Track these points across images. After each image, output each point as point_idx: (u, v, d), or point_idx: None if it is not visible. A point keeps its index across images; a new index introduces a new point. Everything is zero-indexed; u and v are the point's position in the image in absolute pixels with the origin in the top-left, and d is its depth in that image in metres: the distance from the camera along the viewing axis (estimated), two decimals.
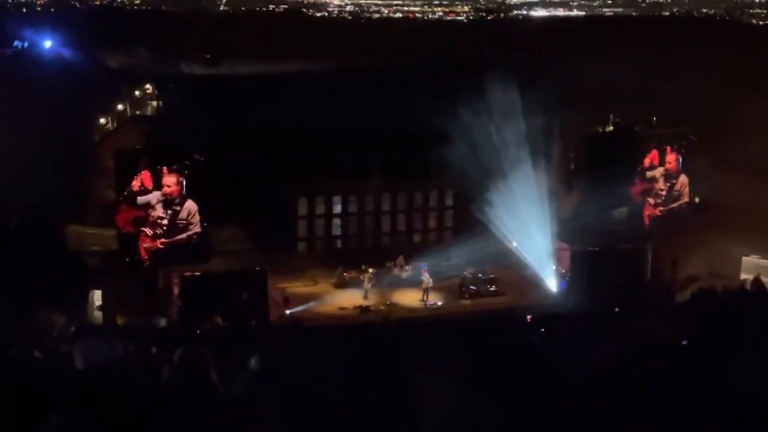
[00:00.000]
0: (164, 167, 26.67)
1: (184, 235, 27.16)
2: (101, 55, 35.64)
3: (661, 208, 32.24)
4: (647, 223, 32.08)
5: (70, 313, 24.08)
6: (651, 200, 32.17)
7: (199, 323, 23.16)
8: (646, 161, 32.07)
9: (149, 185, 26.54)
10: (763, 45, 34.23)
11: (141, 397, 5.47)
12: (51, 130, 27.10)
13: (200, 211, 27.17)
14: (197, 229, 27.14)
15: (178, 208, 26.93)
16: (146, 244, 26.86)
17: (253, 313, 25.18)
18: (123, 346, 8.50)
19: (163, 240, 26.96)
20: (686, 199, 32.40)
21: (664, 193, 32.18)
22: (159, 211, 26.77)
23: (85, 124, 31.78)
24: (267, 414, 6.32)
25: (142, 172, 26.42)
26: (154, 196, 26.67)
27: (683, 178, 32.12)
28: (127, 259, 26.79)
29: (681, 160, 32.04)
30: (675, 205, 32.38)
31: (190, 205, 27.02)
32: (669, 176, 32.18)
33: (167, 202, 26.82)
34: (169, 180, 26.68)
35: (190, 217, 27.06)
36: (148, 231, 26.78)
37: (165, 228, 26.90)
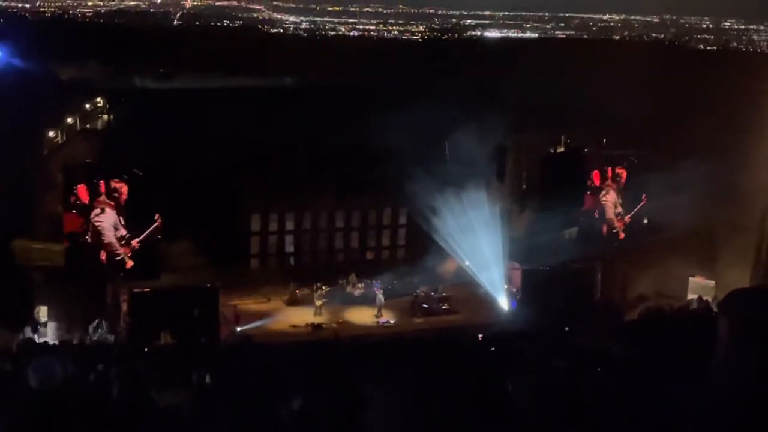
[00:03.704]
0: (101, 180, 26.74)
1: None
2: (52, 68, 35.09)
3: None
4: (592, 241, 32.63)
5: (15, 329, 23.60)
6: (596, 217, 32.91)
7: (149, 340, 22.86)
8: (588, 182, 32.82)
9: (85, 199, 26.53)
10: (710, 70, 35.01)
11: (86, 414, 5.37)
12: None
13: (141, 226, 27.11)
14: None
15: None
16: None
17: (204, 330, 24.92)
18: (69, 363, 8.33)
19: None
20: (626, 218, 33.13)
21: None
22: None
23: (33, 137, 31.23)
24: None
25: (79, 186, 26.38)
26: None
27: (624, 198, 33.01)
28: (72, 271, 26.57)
29: (621, 180, 32.76)
30: (616, 223, 33.08)
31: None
32: (609, 196, 32.95)
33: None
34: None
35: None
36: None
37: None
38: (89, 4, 60.24)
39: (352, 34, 62.36)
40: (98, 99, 37.55)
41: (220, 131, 30.63)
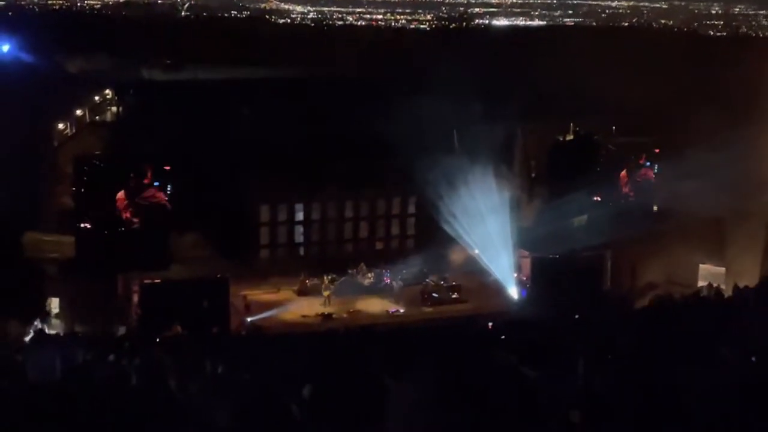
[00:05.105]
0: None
1: None
2: (60, 60, 35.22)
3: None
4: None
5: (27, 320, 23.74)
6: None
7: (159, 331, 22.94)
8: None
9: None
10: (719, 55, 34.84)
11: (98, 405, 5.41)
12: (8, 135, 26.72)
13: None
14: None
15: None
16: None
17: (214, 320, 24.99)
18: (80, 354, 8.39)
19: None
20: None
21: None
22: None
23: (43, 129, 31.34)
24: (227, 421, 6.28)
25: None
26: None
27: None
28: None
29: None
30: None
31: None
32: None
33: None
34: None
35: None
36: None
37: None
38: None
39: (359, 23, 62.31)
40: (107, 91, 37.65)
41: (229, 122, 30.69)
